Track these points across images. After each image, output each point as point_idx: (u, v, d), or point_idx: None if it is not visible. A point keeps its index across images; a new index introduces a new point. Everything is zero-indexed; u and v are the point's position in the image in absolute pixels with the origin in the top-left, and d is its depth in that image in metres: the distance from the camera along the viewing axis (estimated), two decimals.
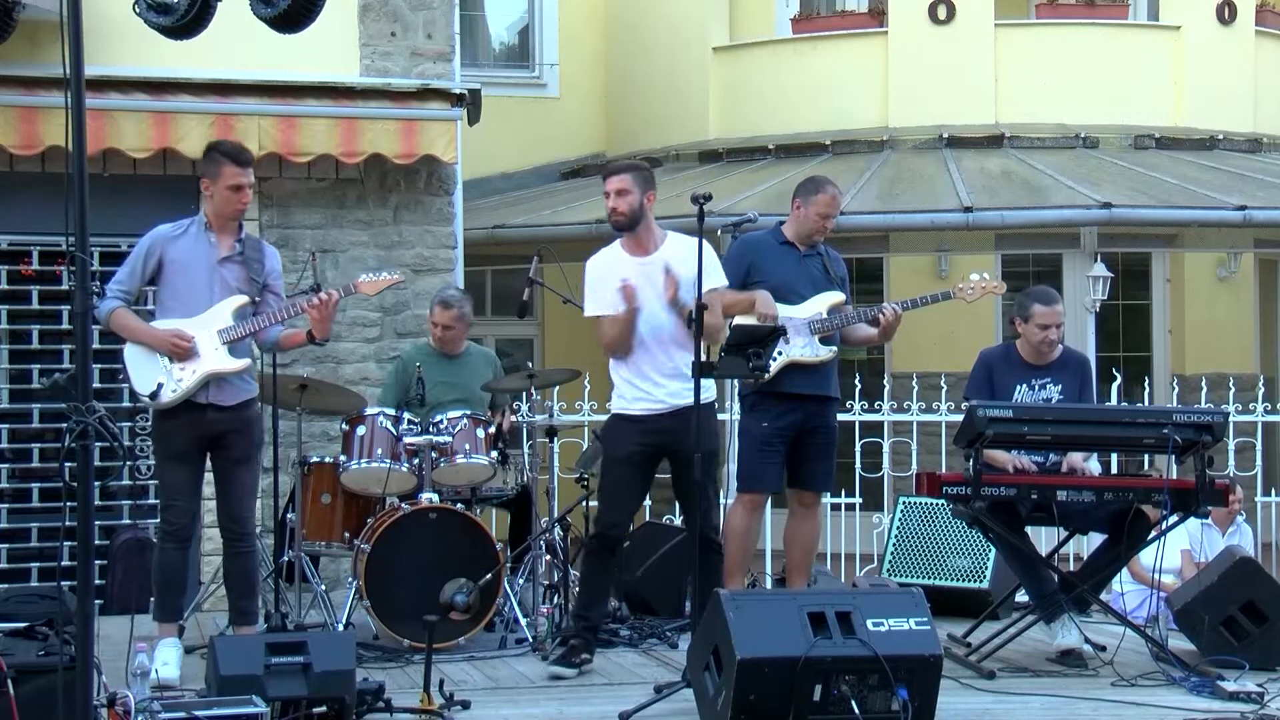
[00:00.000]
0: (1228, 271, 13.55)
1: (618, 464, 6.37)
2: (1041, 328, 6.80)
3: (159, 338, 6.09)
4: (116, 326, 6.18)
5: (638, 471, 6.41)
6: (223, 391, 6.15)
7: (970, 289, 7.15)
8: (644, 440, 6.32)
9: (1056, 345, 6.88)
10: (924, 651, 5.17)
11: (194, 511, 6.26)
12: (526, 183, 14.58)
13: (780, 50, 14.06)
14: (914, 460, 9.59)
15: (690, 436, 5.99)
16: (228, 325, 6.13)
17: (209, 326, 6.12)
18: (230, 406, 6.17)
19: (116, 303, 6.14)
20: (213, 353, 6.09)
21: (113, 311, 6.13)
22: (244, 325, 6.14)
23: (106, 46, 8.12)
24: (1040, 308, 6.81)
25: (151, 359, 6.12)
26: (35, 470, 8.87)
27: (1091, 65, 13.40)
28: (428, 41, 9.38)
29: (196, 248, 6.16)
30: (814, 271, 7.00)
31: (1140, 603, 8.36)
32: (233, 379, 6.17)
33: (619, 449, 6.38)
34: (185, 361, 6.07)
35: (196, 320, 6.12)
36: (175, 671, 5.98)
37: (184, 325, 6.10)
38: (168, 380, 6.08)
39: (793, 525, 7.09)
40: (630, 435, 6.34)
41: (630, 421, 6.36)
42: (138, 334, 6.16)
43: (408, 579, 6.72)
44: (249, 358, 6.28)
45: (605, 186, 6.36)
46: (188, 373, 6.08)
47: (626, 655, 6.71)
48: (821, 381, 6.94)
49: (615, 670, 6.40)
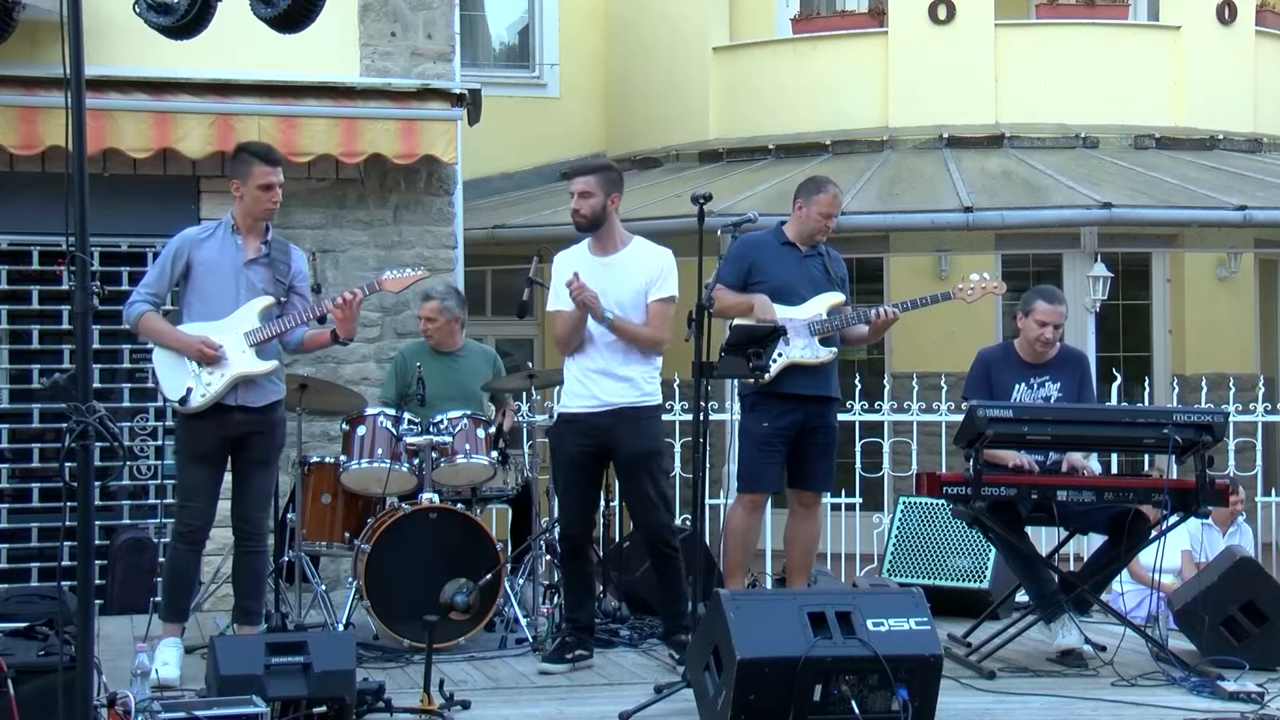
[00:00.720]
0: (1228, 271, 13.55)
1: (563, 467, 6.45)
2: (1039, 324, 6.80)
3: (187, 343, 6.07)
4: (145, 331, 6.17)
5: (583, 473, 6.46)
6: (250, 393, 6.15)
7: (970, 289, 7.16)
8: (584, 441, 6.37)
9: (1053, 345, 6.87)
10: (924, 651, 5.17)
11: (209, 515, 6.21)
12: (526, 183, 14.57)
13: (780, 50, 14.05)
14: (914, 460, 9.59)
15: (626, 438, 6.22)
16: (254, 327, 6.12)
17: (236, 329, 6.11)
18: (258, 408, 6.17)
19: (145, 307, 6.12)
20: (240, 355, 6.09)
21: (141, 316, 6.11)
22: (270, 327, 6.13)
23: (106, 46, 8.12)
24: (1043, 304, 6.82)
25: (179, 363, 6.11)
26: (35, 470, 8.87)
27: (1091, 65, 13.39)
28: (428, 41, 9.38)
29: (223, 250, 6.16)
30: (814, 272, 7.00)
31: (1140, 603, 8.36)
32: (261, 381, 6.16)
33: (562, 451, 6.46)
34: (214, 365, 6.06)
35: (223, 322, 6.11)
36: (175, 671, 5.98)
37: (211, 328, 6.10)
38: (196, 385, 6.07)
39: (793, 525, 7.09)
40: (571, 436, 6.42)
41: (567, 422, 6.45)
42: (166, 338, 6.14)
43: (408, 579, 6.72)
44: (277, 359, 6.27)
45: (570, 186, 6.46)
46: (216, 376, 6.07)
47: (626, 655, 6.71)
48: (822, 382, 6.94)
49: (615, 670, 6.40)
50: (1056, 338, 6.89)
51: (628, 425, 6.29)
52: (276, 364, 6.25)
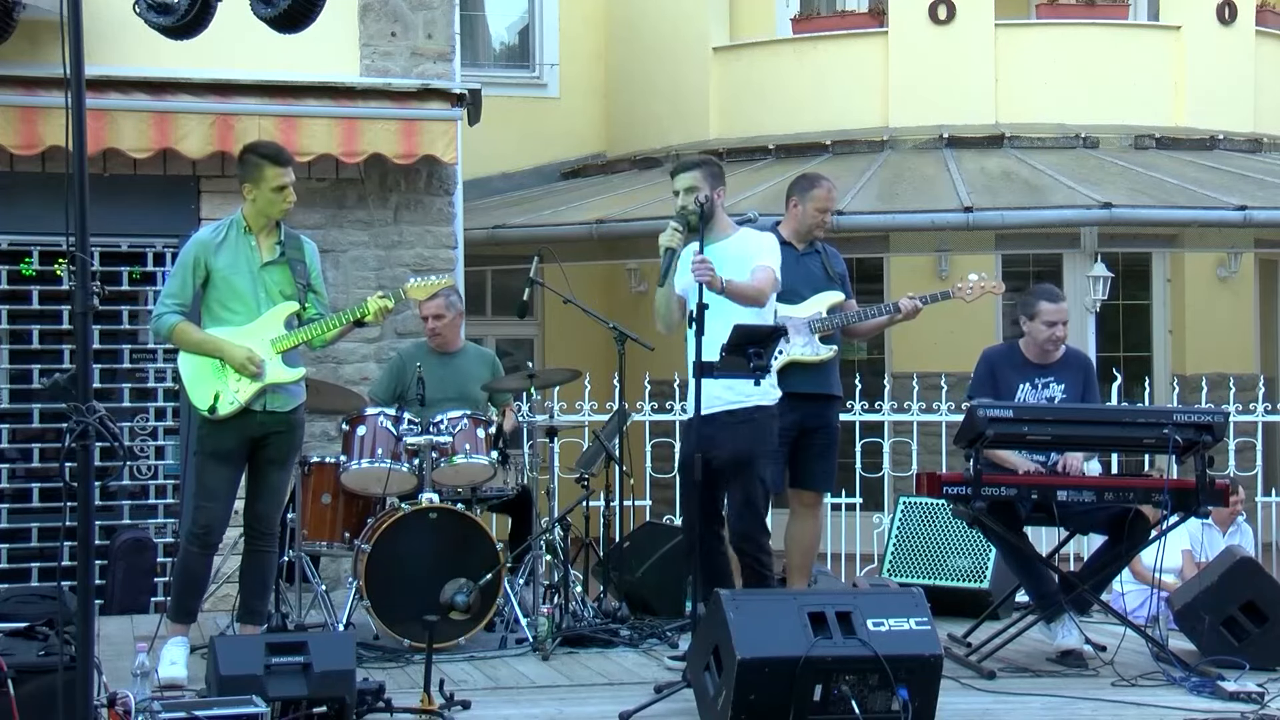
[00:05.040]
0: (1228, 271, 13.55)
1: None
2: (1048, 324, 6.80)
3: (233, 353, 6.01)
4: (180, 341, 6.11)
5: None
6: (277, 398, 6.14)
7: (969, 289, 7.16)
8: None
9: (1062, 343, 6.88)
10: (924, 651, 5.17)
11: (225, 517, 6.16)
12: (526, 183, 14.58)
13: (780, 50, 14.06)
14: (914, 460, 9.59)
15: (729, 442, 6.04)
16: (280, 334, 6.11)
17: (262, 335, 6.09)
18: (282, 411, 6.16)
19: (176, 317, 6.06)
20: (268, 363, 6.07)
21: (174, 327, 6.05)
22: (295, 334, 6.12)
23: (106, 46, 8.12)
24: (1047, 305, 6.82)
25: (206, 371, 6.07)
26: (35, 470, 8.88)
27: (1091, 65, 13.41)
28: (428, 41, 9.39)
29: (238, 254, 6.10)
30: (813, 270, 7.00)
31: (1140, 603, 8.37)
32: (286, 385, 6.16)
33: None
34: (243, 373, 6.05)
35: (248, 329, 6.08)
36: (183, 671, 5.95)
37: (235, 334, 6.07)
38: (224, 392, 6.03)
39: (794, 525, 7.09)
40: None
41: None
42: (205, 346, 6.07)
43: (408, 579, 6.72)
44: (303, 366, 6.26)
45: (675, 185, 6.26)
46: (244, 384, 6.04)
47: (627, 655, 6.71)
48: (822, 381, 6.94)
49: (615, 670, 6.40)
50: (1065, 335, 6.89)
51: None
52: (304, 371, 6.25)
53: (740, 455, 6.12)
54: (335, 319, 6.21)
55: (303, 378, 6.25)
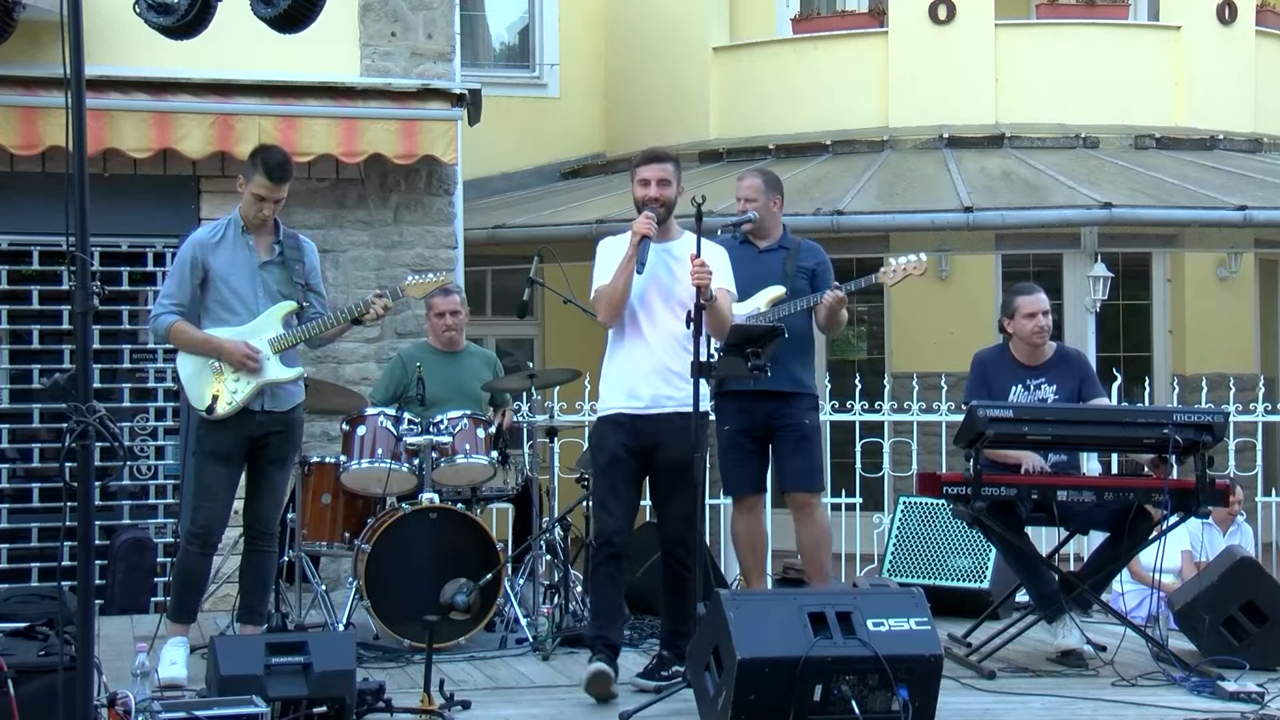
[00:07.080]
0: (1228, 271, 13.56)
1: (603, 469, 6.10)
2: (1029, 317, 6.79)
3: (230, 350, 6.03)
4: (177, 340, 6.13)
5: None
6: (275, 398, 6.16)
7: (891, 272, 7.09)
8: (627, 441, 6.04)
9: (1048, 333, 6.86)
10: (924, 651, 5.17)
11: (224, 517, 6.17)
12: (526, 183, 14.58)
13: (780, 50, 14.06)
14: (914, 460, 9.59)
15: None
16: (278, 334, 6.12)
17: (260, 335, 6.10)
18: (281, 411, 6.18)
19: (173, 317, 6.08)
20: (266, 362, 6.08)
21: (171, 326, 6.07)
22: (294, 333, 6.13)
23: (106, 46, 8.13)
24: (1023, 299, 6.83)
25: (204, 371, 6.08)
26: (35, 470, 8.88)
27: (1091, 65, 13.39)
28: (428, 41, 9.39)
29: (236, 254, 6.12)
30: (770, 268, 6.90)
31: (1140, 603, 8.37)
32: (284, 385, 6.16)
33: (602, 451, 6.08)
34: (241, 373, 6.05)
35: (246, 328, 6.09)
36: (184, 671, 5.96)
37: (234, 334, 6.08)
38: (223, 393, 6.05)
39: (795, 529, 7.04)
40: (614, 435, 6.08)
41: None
42: (203, 346, 6.09)
43: (408, 579, 6.73)
44: (301, 366, 6.28)
45: (643, 174, 6.09)
46: (243, 384, 6.06)
47: (627, 655, 6.70)
48: (775, 379, 6.50)
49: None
50: (1050, 325, 6.87)
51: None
52: (302, 370, 6.26)
53: (686, 458, 5.84)
54: (333, 318, 6.21)
55: (301, 377, 6.26)
